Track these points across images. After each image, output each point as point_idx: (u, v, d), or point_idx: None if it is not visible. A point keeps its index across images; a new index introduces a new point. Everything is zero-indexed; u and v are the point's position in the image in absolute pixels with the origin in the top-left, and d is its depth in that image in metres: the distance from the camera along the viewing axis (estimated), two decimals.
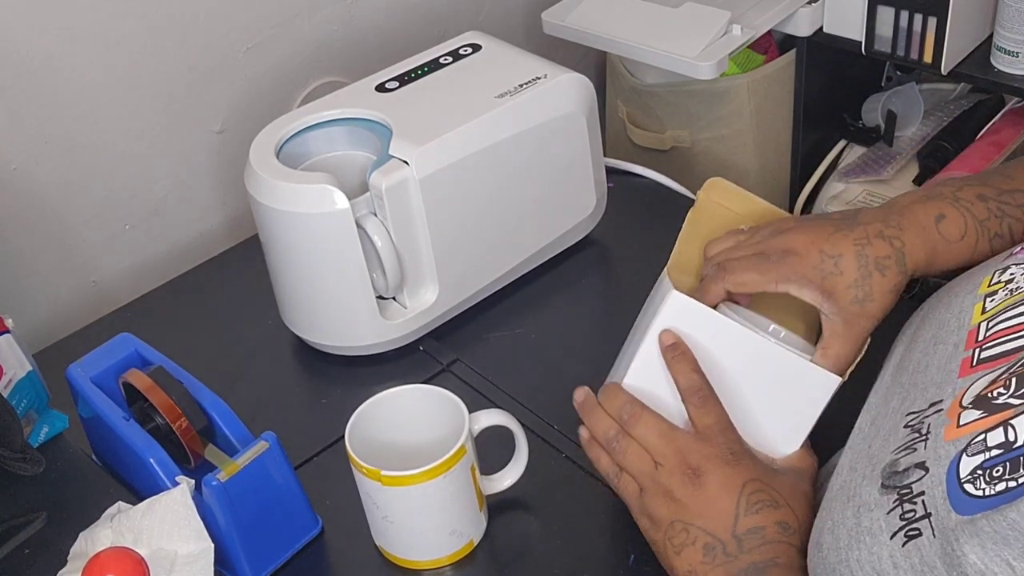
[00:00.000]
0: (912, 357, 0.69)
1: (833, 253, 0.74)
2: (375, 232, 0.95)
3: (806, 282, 0.75)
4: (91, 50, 1.10)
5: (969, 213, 0.75)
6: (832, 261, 0.74)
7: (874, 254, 0.74)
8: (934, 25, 1.26)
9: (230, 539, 0.80)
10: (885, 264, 0.74)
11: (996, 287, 0.66)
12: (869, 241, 0.74)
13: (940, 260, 0.75)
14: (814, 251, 0.75)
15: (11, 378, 0.91)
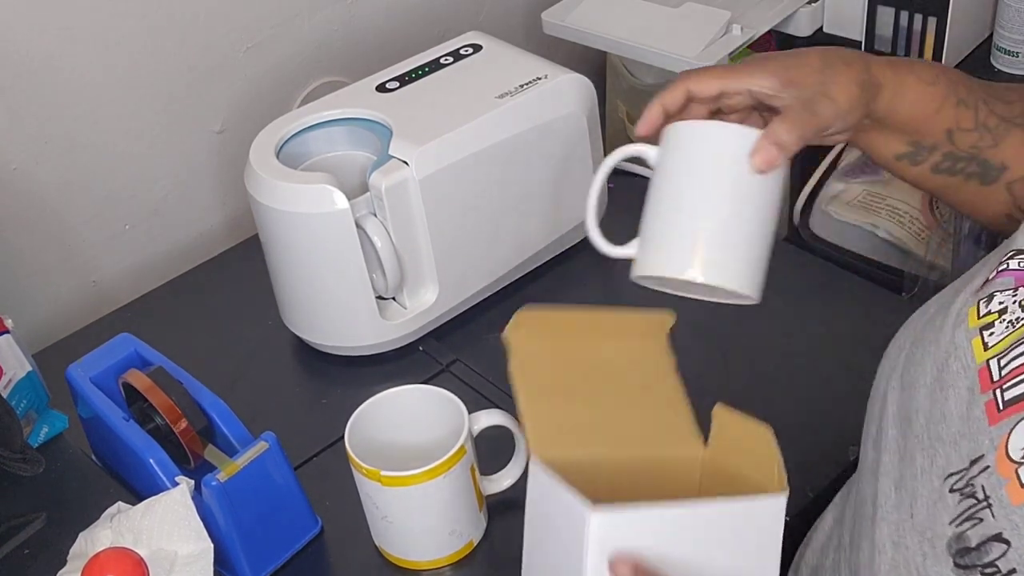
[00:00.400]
0: (917, 405, 0.64)
1: (799, 55, 0.72)
2: (375, 232, 0.95)
3: (768, 73, 0.71)
4: (91, 50, 1.10)
5: (944, 74, 0.76)
6: (794, 57, 0.72)
7: (838, 53, 0.73)
8: (934, 25, 1.26)
9: (230, 539, 0.80)
10: (850, 59, 0.72)
11: (988, 318, 0.62)
12: (835, 49, 0.74)
13: (907, 94, 0.73)
14: (780, 55, 0.73)
15: (11, 378, 0.91)
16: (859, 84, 0.71)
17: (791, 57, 0.72)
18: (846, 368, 0.96)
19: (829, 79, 0.71)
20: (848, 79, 0.71)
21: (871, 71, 0.73)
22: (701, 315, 1.02)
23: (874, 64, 0.73)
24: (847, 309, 1.03)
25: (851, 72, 0.71)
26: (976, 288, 0.65)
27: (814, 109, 0.69)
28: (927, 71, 0.75)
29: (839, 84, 0.70)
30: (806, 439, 0.90)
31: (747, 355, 0.99)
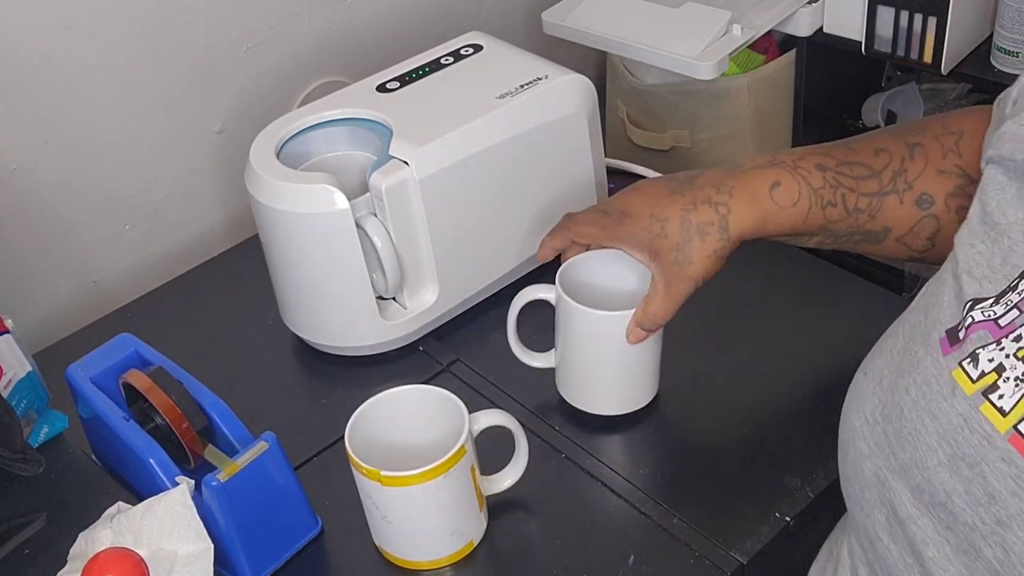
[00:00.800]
0: (944, 487, 0.59)
1: (661, 217, 0.82)
2: (375, 232, 0.95)
3: (636, 242, 0.84)
4: (91, 50, 1.10)
5: (805, 181, 0.80)
6: (659, 225, 0.82)
7: (697, 219, 0.81)
8: (934, 25, 1.26)
9: (230, 539, 0.80)
10: (706, 230, 0.81)
11: (987, 380, 0.57)
12: (696, 207, 0.81)
13: (771, 224, 0.81)
14: (645, 214, 0.83)
15: (11, 378, 0.91)
16: (714, 255, 0.81)
17: (655, 225, 0.82)
18: (846, 368, 0.96)
19: (685, 257, 0.81)
20: (703, 254, 0.81)
21: (728, 231, 0.80)
22: (701, 315, 1.02)
23: (732, 220, 0.80)
24: (847, 309, 1.03)
25: (706, 246, 0.81)
26: (942, 347, 0.61)
27: (673, 291, 0.82)
28: (787, 193, 0.80)
29: (695, 261, 0.81)
30: (807, 439, 0.90)
31: (748, 355, 0.99)
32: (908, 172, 0.80)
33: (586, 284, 0.91)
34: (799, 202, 0.80)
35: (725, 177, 0.82)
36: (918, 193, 0.80)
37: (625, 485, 0.88)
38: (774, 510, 0.84)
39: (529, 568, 0.83)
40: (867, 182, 0.80)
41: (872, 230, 0.81)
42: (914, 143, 0.81)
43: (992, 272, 0.61)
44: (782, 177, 0.81)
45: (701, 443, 0.92)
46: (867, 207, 0.80)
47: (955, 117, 0.82)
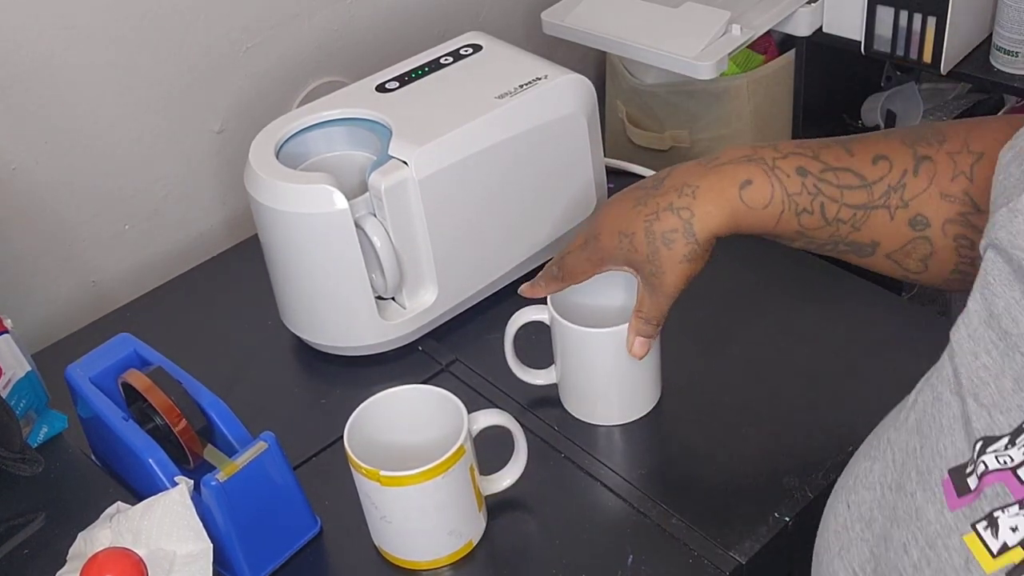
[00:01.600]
0: None
1: (627, 232, 0.80)
2: (374, 232, 0.95)
3: (615, 262, 0.83)
4: (91, 50, 1.10)
5: (780, 184, 0.74)
6: (627, 240, 0.80)
7: (661, 229, 0.78)
8: (934, 25, 1.26)
9: (229, 539, 0.80)
10: (671, 237, 0.77)
11: (1013, 556, 0.47)
12: (658, 216, 0.78)
13: (744, 223, 0.76)
14: (615, 232, 0.81)
15: (10, 378, 0.91)
16: (686, 260, 0.78)
17: (624, 241, 0.80)
18: (846, 368, 0.96)
19: (657, 268, 0.79)
20: (673, 262, 0.78)
21: (695, 235, 0.76)
22: (701, 315, 1.02)
23: (698, 224, 0.76)
24: (847, 309, 1.03)
25: (674, 254, 0.78)
26: (947, 495, 0.52)
27: (658, 298, 0.82)
28: (758, 195, 0.75)
29: (666, 270, 0.79)
30: (806, 439, 0.90)
31: (747, 355, 0.99)
32: (907, 189, 0.72)
33: (578, 301, 0.91)
34: (770, 205, 0.74)
35: (690, 176, 0.78)
36: (913, 213, 0.72)
37: (624, 485, 0.88)
38: (773, 510, 0.84)
39: (528, 568, 0.83)
40: (855, 192, 0.73)
41: (857, 242, 0.75)
42: (924, 156, 0.72)
43: (1003, 399, 0.51)
44: (755, 176, 0.75)
45: (700, 443, 0.92)
46: (850, 219, 0.73)
47: (980, 131, 0.71)
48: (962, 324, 0.55)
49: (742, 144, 0.78)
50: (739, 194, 0.75)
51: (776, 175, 0.74)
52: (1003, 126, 0.70)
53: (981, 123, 0.72)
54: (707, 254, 0.79)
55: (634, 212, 0.79)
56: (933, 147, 0.72)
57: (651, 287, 0.81)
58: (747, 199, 0.75)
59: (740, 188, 0.75)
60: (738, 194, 0.75)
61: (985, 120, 0.73)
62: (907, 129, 0.76)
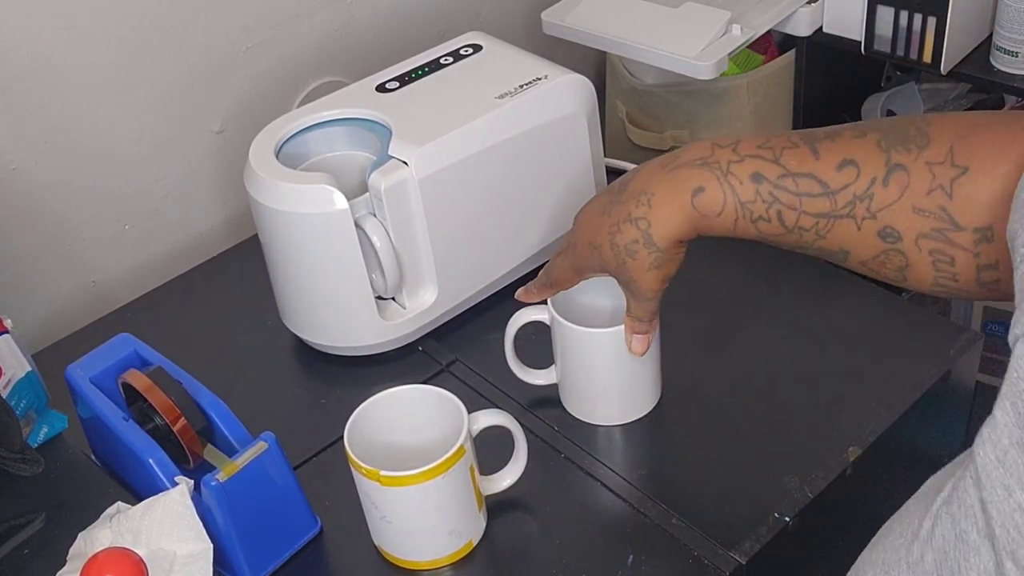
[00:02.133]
0: None
1: (596, 244, 0.79)
2: (374, 232, 0.95)
3: (591, 269, 0.83)
4: (91, 50, 1.10)
5: (732, 192, 0.70)
6: (596, 252, 0.80)
7: (623, 241, 0.77)
8: (934, 25, 1.26)
9: (229, 539, 0.80)
10: (633, 248, 0.76)
11: None
12: (619, 228, 0.77)
13: (702, 228, 0.74)
14: (585, 246, 0.81)
15: (10, 378, 0.91)
16: (653, 267, 0.77)
17: (594, 253, 0.80)
18: (846, 368, 0.96)
19: (628, 277, 0.79)
20: (641, 271, 0.77)
21: (656, 243, 0.75)
22: (701, 316, 1.02)
23: (656, 233, 0.75)
24: (847, 309, 1.03)
25: (639, 264, 0.77)
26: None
27: (638, 300, 0.82)
28: (710, 202, 0.72)
29: (636, 279, 0.78)
30: (806, 439, 0.90)
31: (747, 355, 0.99)
32: (874, 199, 0.66)
33: (578, 301, 0.91)
34: (723, 213, 0.71)
35: (648, 182, 0.75)
36: (882, 225, 0.66)
37: (624, 485, 0.88)
38: (773, 510, 0.84)
39: (528, 568, 0.83)
40: (816, 200, 0.68)
41: (826, 249, 0.70)
42: (897, 163, 0.65)
43: None
44: (707, 183, 0.71)
45: (700, 443, 0.92)
46: (813, 227, 0.69)
47: (970, 140, 0.63)
48: (988, 439, 0.45)
49: (705, 140, 0.74)
50: (691, 201, 0.72)
51: (728, 182, 0.71)
52: (999, 135, 0.62)
53: (974, 129, 0.64)
54: (677, 256, 0.77)
55: (600, 222, 0.79)
56: (911, 153, 0.65)
57: (630, 292, 0.82)
58: (699, 206, 0.72)
59: (692, 195, 0.72)
60: (690, 201, 0.72)
61: (979, 125, 0.64)
62: (889, 123, 0.69)
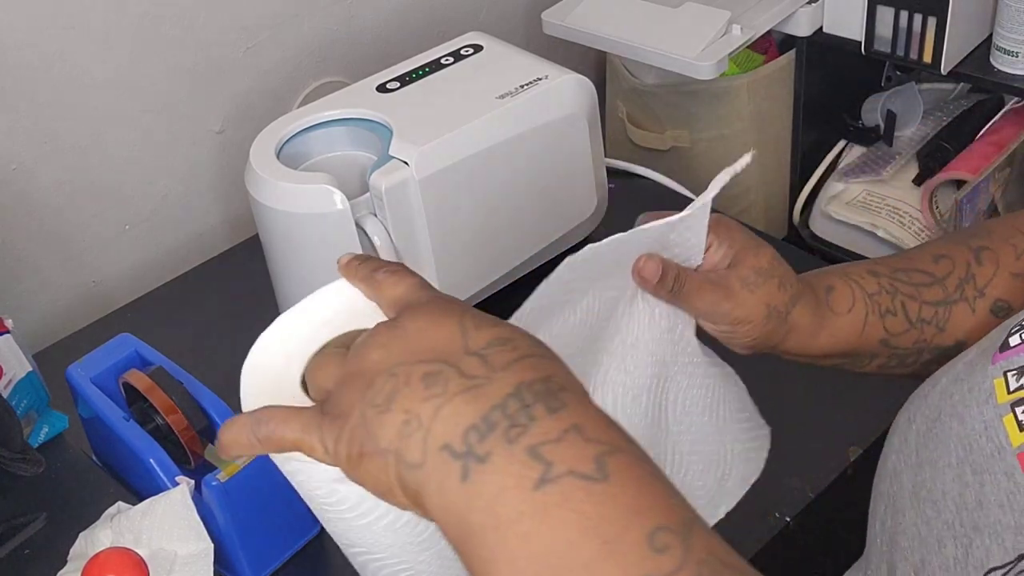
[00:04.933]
0: (943, 488, 0.58)
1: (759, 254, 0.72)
2: (375, 232, 0.95)
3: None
4: (91, 50, 1.10)
5: (858, 286, 0.71)
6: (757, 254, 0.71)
7: (777, 273, 0.71)
8: (934, 25, 1.26)
9: (230, 539, 0.80)
10: (787, 283, 0.71)
11: (1021, 393, 0.55)
12: (782, 271, 0.71)
13: (820, 335, 0.71)
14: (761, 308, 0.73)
15: (11, 378, 0.91)
16: (767, 305, 0.69)
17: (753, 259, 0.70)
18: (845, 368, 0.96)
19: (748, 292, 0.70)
20: (757, 300, 0.69)
21: (786, 306, 0.70)
22: None
23: (796, 307, 0.70)
24: None
25: (767, 289, 0.69)
26: (997, 357, 0.58)
27: (724, 303, 0.69)
28: (841, 298, 0.71)
29: (751, 300, 0.69)
30: (806, 440, 0.90)
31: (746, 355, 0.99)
32: (977, 278, 0.70)
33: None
34: (854, 307, 0.70)
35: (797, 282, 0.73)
36: (991, 300, 0.70)
37: None
38: (774, 510, 0.84)
39: None
40: (929, 289, 0.71)
41: (942, 345, 0.71)
42: (980, 247, 0.71)
43: None
44: (834, 282, 0.72)
45: None
46: (933, 317, 0.70)
47: (1022, 218, 0.72)
48: None
49: None
50: (827, 298, 0.71)
51: (851, 278, 0.71)
52: None
53: (1020, 213, 0.73)
54: (773, 333, 0.72)
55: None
56: (983, 238, 0.72)
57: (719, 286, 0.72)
58: (833, 303, 0.71)
59: (827, 293, 0.71)
60: (826, 298, 0.71)
61: (1019, 213, 0.73)
62: (947, 235, 0.75)
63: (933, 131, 1.49)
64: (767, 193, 1.50)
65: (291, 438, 0.53)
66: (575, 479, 0.44)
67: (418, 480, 0.47)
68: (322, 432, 0.51)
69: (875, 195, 1.46)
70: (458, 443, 0.46)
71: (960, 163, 1.41)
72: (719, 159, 1.46)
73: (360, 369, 0.50)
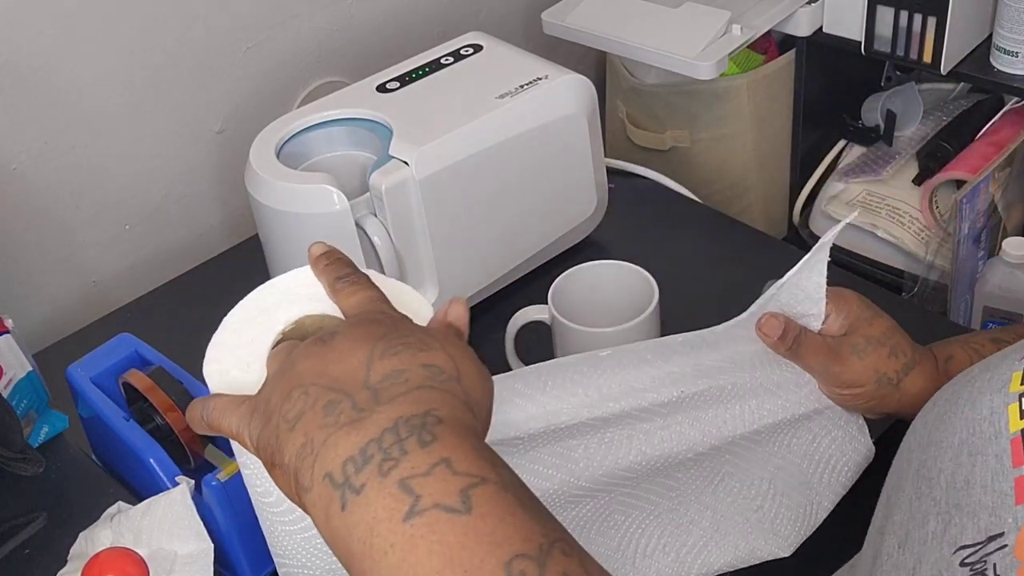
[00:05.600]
0: (940, 466, 0.60)
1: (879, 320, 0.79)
2: (375, 232, 0.95)
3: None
4: (91, 50, 1.10)
5: (977, 354, 0.76)
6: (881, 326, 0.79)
7: (897, 341, 0.78)
8: (934, 25, 1.26)
9: (230, 539, 0.80)
10: (900, 348, 0.77)
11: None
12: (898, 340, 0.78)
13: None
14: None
15: (11, 378, 0.91)
16: (875, 372, 0.76)
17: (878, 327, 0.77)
18: None
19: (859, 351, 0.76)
20: (866, 366, 0.76)
21: (897, 374, 0.75)
22: (702, 315, 1.02)
23: (909, 376, 0.75)
24: None
25: (877, 357, 0.76)
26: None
27: (834, 366, 0.76)
28: (960, 368, 0.73)
29: (859, 366, 0.76)
30: None
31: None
32: None
33: (577, 301, 0.91)
34: None
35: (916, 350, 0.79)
36: None
37: None
38: None
39: None
40: None
41: None
42: None
43: None
44: (954, 351, 0.77)
45: None
46: None
47: None
48: None
49: None
50: (945, 367, 0.77)
51: (971, 347, 0.76)
52: None
53: None
54: (880, 394, 0.78)
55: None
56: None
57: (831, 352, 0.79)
58: (952, 372, 0.75)
59: (946, 362, 0.77)
60: (945, 366, 0.77)
61: None
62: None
63: (933, 131, 1.49)
64: (767, 193, 1.50)
65: (227, 428, 0.57)
66: (440, 512, 0.47)
67: (309, 502, 0.50)
68: (250, 428, 0.55)
69: (875, 195, 1.46)
70: (338, 473, 0.49)
71: (960, 163, 1.41)
72: (719, 159, 1.46)
73: (290, 373, 0.54)
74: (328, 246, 0.63)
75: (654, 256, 0.95)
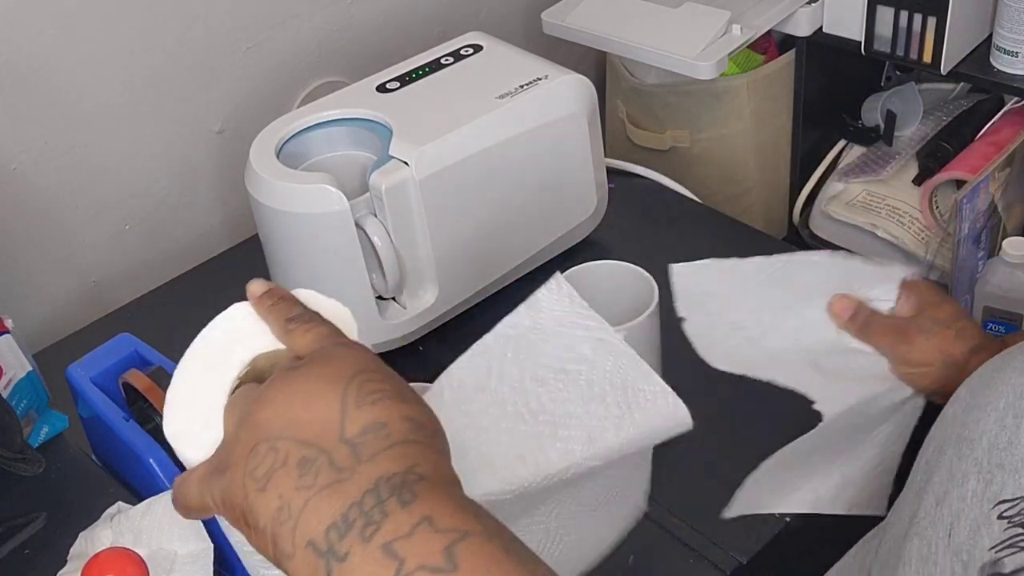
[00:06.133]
0: (984, 429, 0.63)
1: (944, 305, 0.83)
2: (375, 232, 0.95)
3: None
4: (91, 50, 1.10)
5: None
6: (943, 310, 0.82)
7: (968, 333, 0.81)
8: (934, 25, 1.26)
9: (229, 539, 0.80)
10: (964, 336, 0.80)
11: None
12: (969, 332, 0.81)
13: None
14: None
15: (11, 378, 0.91)
16: (941, 352, 0.79)
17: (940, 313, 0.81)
18: None
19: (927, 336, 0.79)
20: (932, 346, 0.79)
21: (963, 356, 0.78)
22: None
23: (975, 359, 0.76)
24: None
25: (943, 338, 0.79)
26: None
27: (901, 346, 0.80)
28: None
29: (926, 345, 0.79)
30: None
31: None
32: None
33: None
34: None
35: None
36: None
37: None
38: None
39: None
40: None
41: None
42: None
43: None
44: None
45: (701, 443, 0.92)
46: None
47: None
48: None
49: None
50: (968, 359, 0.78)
51: None
52: None
53: None
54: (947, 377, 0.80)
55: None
56: None
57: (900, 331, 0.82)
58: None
59: (972, 353, 0.79)
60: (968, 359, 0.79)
61: None
62: None
63: (933, 131, 1.49)
64: (767, 193, 1.50)
65: (193, 501, 0.55)
66: (426, 573, 0.45)
67: (292, 569, 0.48)
68: (211, 488, 0.52)
69: (875, 195, 1.46)
70: (321, 541, 0.47)
71: (960, 163, 1.41)
72: (719, 159, 1.46)
73: (251, 422, 0.51)
74: (268, 284, 0.61)
75: (654, 256, 0.95)
